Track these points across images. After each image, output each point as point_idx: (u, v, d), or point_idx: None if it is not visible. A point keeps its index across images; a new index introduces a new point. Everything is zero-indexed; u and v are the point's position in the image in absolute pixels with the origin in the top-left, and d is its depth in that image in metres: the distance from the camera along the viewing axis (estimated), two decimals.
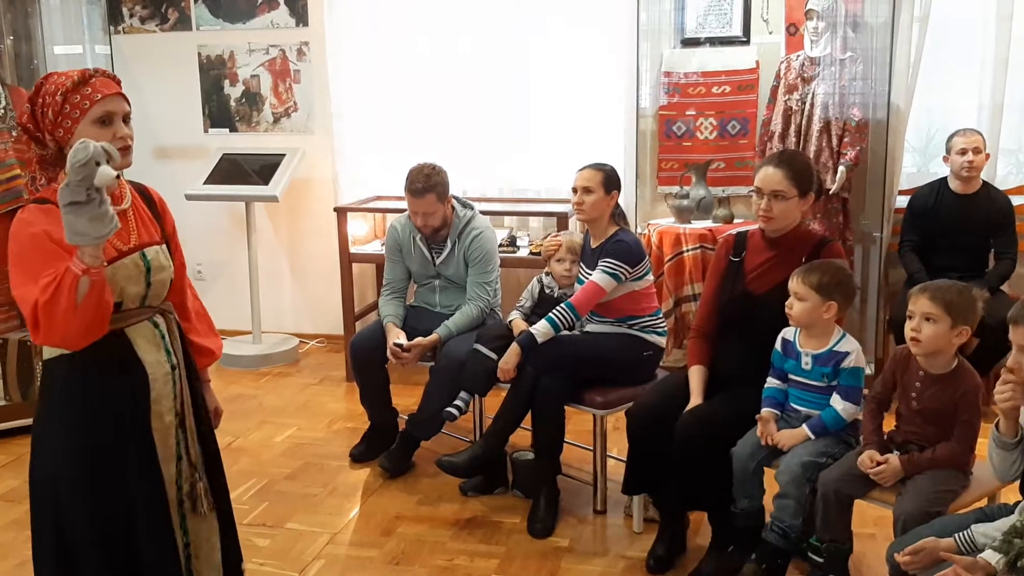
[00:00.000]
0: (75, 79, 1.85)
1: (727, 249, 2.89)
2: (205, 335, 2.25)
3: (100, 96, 1.86)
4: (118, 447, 1.95)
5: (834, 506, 2.44)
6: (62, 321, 1.72)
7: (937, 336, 2.33)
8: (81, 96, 1.85)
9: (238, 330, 5.33)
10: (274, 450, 3.88)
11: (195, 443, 2.09)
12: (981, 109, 4.35)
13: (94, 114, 1.85)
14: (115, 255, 1.90)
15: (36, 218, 1.80)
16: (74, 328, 1.74)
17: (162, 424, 2.00)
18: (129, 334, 1.95)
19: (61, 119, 1.84)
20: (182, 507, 2.06)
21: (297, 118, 5.24)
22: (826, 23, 4.17)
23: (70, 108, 1.84)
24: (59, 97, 1.84)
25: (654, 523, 2.98)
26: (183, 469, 2.05)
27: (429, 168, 3.56)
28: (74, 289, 1.70)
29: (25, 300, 1.75)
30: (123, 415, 1.96)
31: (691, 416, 2.71)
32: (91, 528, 1.93)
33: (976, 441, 2.39)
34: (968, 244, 4.07)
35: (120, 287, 1.90)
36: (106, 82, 1.90)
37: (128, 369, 1.95)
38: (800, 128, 4.27)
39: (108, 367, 1.93)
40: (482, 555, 2.98)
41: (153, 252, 1.98)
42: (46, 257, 1.75)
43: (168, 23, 5.30)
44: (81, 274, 1.70)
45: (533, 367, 3.13)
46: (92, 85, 1.86)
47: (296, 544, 3.06)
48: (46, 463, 1.96)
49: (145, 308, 1.99)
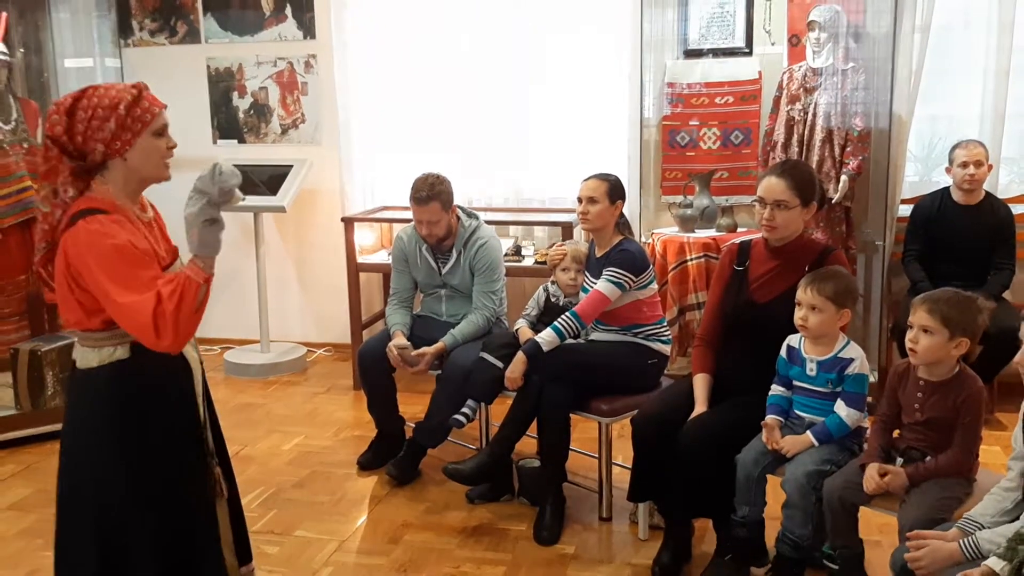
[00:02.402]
0: (134, 93, 1.95)
1: (731, 258, 2.91)
2: None
3: (158, 109, 1.98)
4: (168, 447, 2.02)
5: (840, 513, 2.46)
6: (185, 325, 1.84)
7: (933, 348, 2.34)
8: (142, 109, 1.95)
9: (246, 339, 5.37)
10: (282, 458, 3.91)
11: (209, 432, 2.17)
12: (983, 118, 4.37)
13: (155, 125, 1.96)
14: (169, 260, 2.04)
15: (110, 229, 1.87)
16: (190, 331, 1.87)
17: (202, 418, 2.12)
18: None
19: (123, 132, 1.92)
20: None
21: (304, 129, 5.29)
22: (828, 34, 4.21)
23: (132, 121, 1.93)
24: (123, 110, 1.92)
25: (659, 530, 2.99)
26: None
27: (433, 177, 3.60)
28: (196, 295, 1.84)
29: (140, 308, 1.82)
30: (180, 413, 2.06)
31: (696, 424, 2.73)
32: (147, 532, 1.98)
33: (978, 446, 2.40)
34: (970, 254, 4.08)
35: None
36: (154, 96, 2.01)
37: (177, 366, 2.06)
38: (803, 138, 4.30)
39: (165, 367, 2.01)
40: (489, 562, 2.99)
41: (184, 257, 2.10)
42: (140, 266, 1.87)
43: (177, 36, 5.36)
44: (203, 283, 1.86)
45: (539, 375, 3.15)
46: (148, 99, 1.98)
47: (305, 552, 3.08)
48: (86, 472, 1.99)
49: None
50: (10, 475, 3.74)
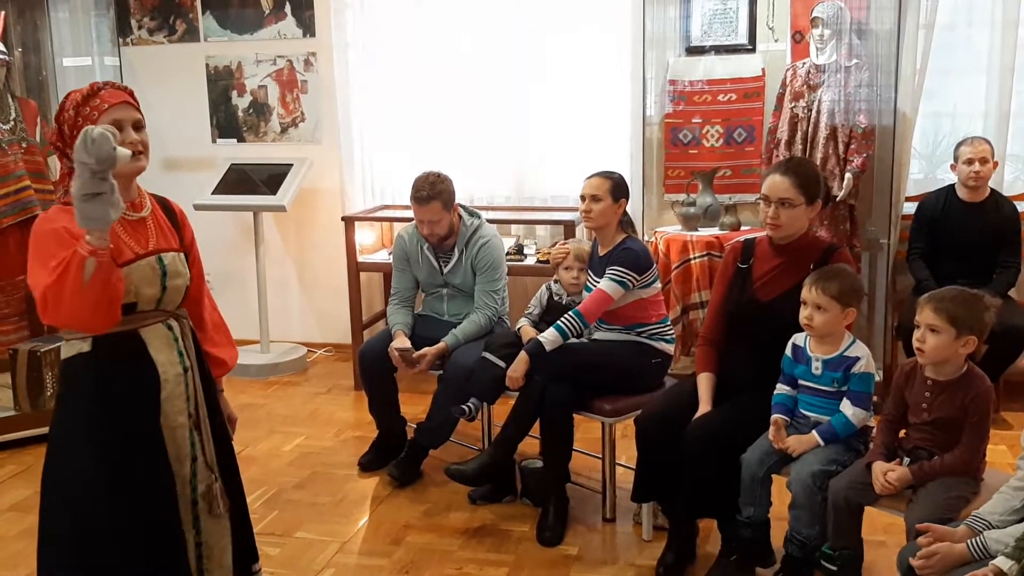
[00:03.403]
0: (85, 92, 1.96)
1: (735, 256, 2.89)
2: (220, 345, 2.30)
3: (107, 105, 1.95)
4: (130, 445, 1.99)
5: (844, 514, 2.44)
6: (69, 301, 1.78)
7: (940, 347, 2.32)
8: (91, 107, 1.95)
9: (246, 339, 5.33)
10: (283, 459, 3.89)
11: (211, 444, 2.14)
12: (987, 115, 4.35)
13: (103, 123, 1.92)
14: (132, 257, 1.97)
15: (58, 216, 1.89)
16: (81, 308, 1.80)
17: (173, 423, 2.05)
18: (143, 334, 2.02)
19: (74, 131, 1.93)
20: (196, 507, 2.10)
21: (304, 128, 5.27)
22: (832, 30, 4.18)
23: (82, 120, 1.94)
24: (72, 111, 1.96)
25: (663, 531, 2.97)
26: (198, 470, 2.10)
27: (434, 176, 3.58)
28: (81, 269, 1.76)
29: (36, 284, 1.82)
30: (134, 413, 2.01)
31: (700, 423, 2.71)
32: (109, 526, 1.96)
33: (986, 445, 2.38)
34: (976, 251, 4.06)
35: (136, 288, 1.97)
36: (114, 92, 1.99)
37: (141, 368, 2.02)
38: (806, 135, 4.27)
39: (121, 366, 2.00)
40: (491, 564, 2.97)
41: (170, 257, 2.06)
42: (62, 246, 1.82)
43: (176, 34, 5.34)
44: (88, 255, 1.76)
45: (541, 375, 3.13)
46: (100, 96, 1.96)
47: (306, 553, 3.06)
48: (62, 464, 2.00)
49: (159, 311, 2.05)
50: (10, 476, 3.73)
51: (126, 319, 1.95)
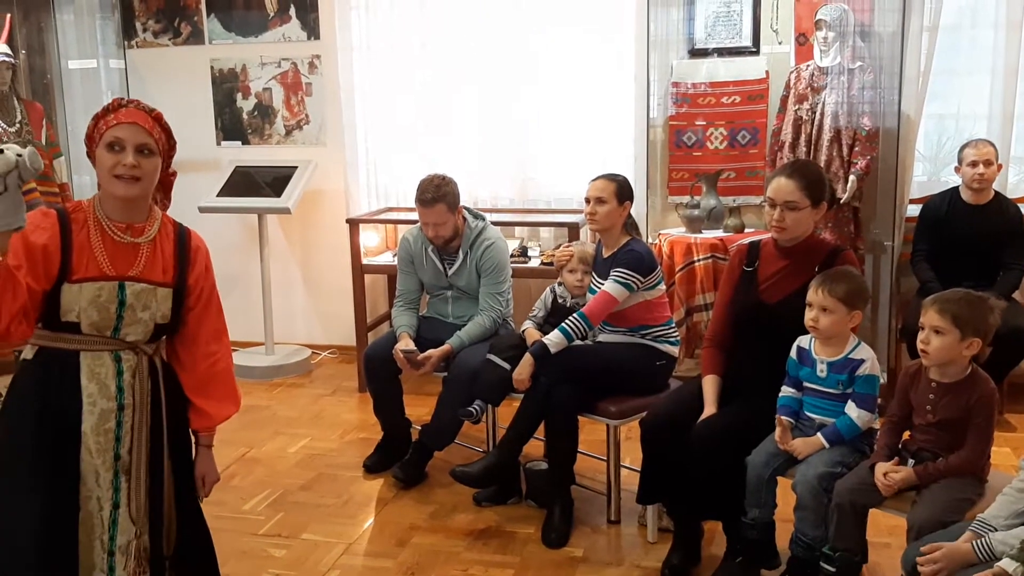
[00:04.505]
0: (106, 106, 1.98)
1: (740, 259, 2.89)
2: (212, 398, 2.13)
3: (116, 122, 1.94)
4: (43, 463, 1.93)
5: (849, 516, 2.44)
6: None
7: (945, 349, 2.32)
8: (104, 123, 1.95)
9: (251, 341, 5.35)
10: (288, 461, 3.90)
11: (140, 496, 2.00)
12: (991, 117, 4.35)
13: (106, 139, 1.93)
14: (89, 275, 1.91)
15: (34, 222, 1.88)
16: None
17: (93, 460, 1.95)
18: (82, 358, 1.95)
19: (89, 141, 1.99)
20: (112, 557, 1.98)
21: (309, 130, 5.28)
22: (836, 33, 4.19)
23: (96, 133, 1.97)
24: (92, 121, 1.99)
25: (668, 533, 2.97)
26: (119, 518, 1.98)
27: (439, 179, 3.58)
28: None
29: None
30: (56, 433, 1.94)
31: (705, 425, 2.72)
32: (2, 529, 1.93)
33: (990, 447, 2.38)
34: (980, 254, 4.06)
35: (79, 308, 1.91)
36: (131, 112, 1.96)
37: (67, 391, 1.94)
38: (810, 137, 4.28)
39: (51, 382, 1.94)
40: (497, 565, 2.98)
41: (138, 289, 1.96)
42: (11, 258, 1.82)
43: (181, 37, 5.35)
44: None
45: (546, 377, 3.13)
46: (117, 114, 1.96)
47: (312, 554, 3.07)
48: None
49: (113, 340, 1.96)
50: None
51: (69, 338, 1.92)
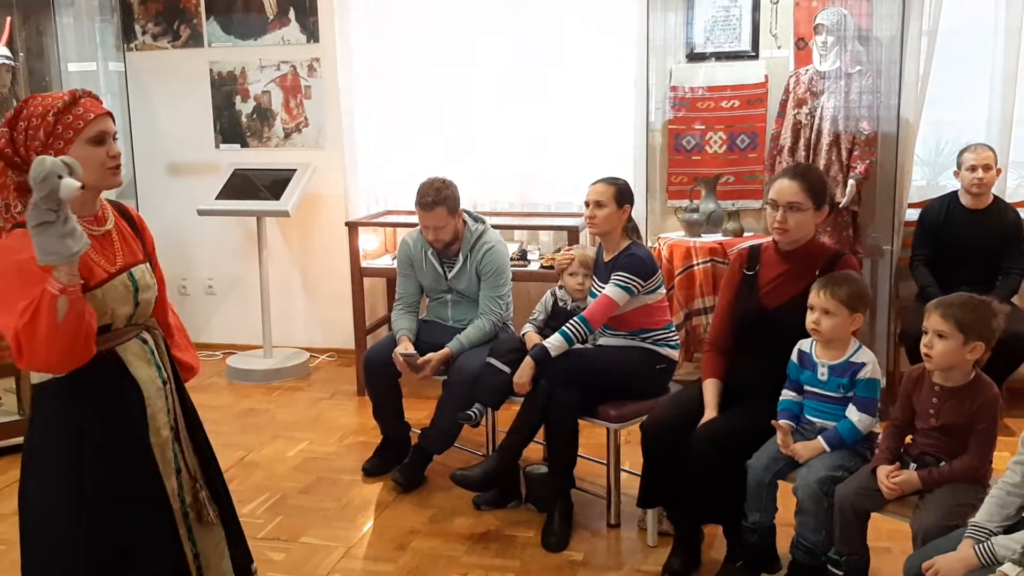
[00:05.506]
0: (65, 100, 1.85)
1: (741, 262, 2.89)
2: (186, 349, 2.24)
3: (93, 116, 1.86)
4: (112, 469, 1.93)
5: (851, 520, 2.44)
6: (44, 344, 1.69)
7: (948, 353, 2.32)
8: (74, 116, 1.84)
9: (249, 344, 5.35)
10: (287, 464, 3.89)
11: (192, 454, 2.10)
12: (990, 122, 4.36)
13: (88, 133, 1.85)
14: (104, 277, 1.89)
15: (22, 244, 1.72)
16: (56, 349, 1.71)
17: (159, 439, 2.01)
18: (120, 353, 1.95)
19: (53, 140, 1.83)
20: (187, 519, 2.06)
21: (308, 133, 5.27)
22: (835, 37, 4.19)
23: (63, 128, 1.83)
24: (51, 118, 1.83)
25: (668, 536, 2.97)
26: (183, 481, 2.07)
27: (439, 182, 3.58)
28: (52, 309, 1.67)
29: (6, 328, 1.71)
30: (119, 435, 1.94)
31: (706, 429, 2.71)
32: (87, 555, 1.91)
33: (993, 452, 2.38)
34: (979, 258, 4.06)
35: (111, 309, 1.91)
36: (94, 103, 1.90)
37: (122, 387, 1.95)
38: (809, 142, 4.28)
39: (101, 387, 1.92)
40: (497, 569, 2.97)
41: (139, 272, 1.99)
42: (28, 284, 1.70)
43: (180, 40, 5.35)
44: (58, 294, 1.67)
45: (547, 381, 3.13)
46: (82, 105, 1.86)
47: (311, 558, 3.06)
48: (36, 491, 1.94)
49: (132, 326, 1.99)
50: (14, 481, 3.71)
51: (102, 339, 1.87)
